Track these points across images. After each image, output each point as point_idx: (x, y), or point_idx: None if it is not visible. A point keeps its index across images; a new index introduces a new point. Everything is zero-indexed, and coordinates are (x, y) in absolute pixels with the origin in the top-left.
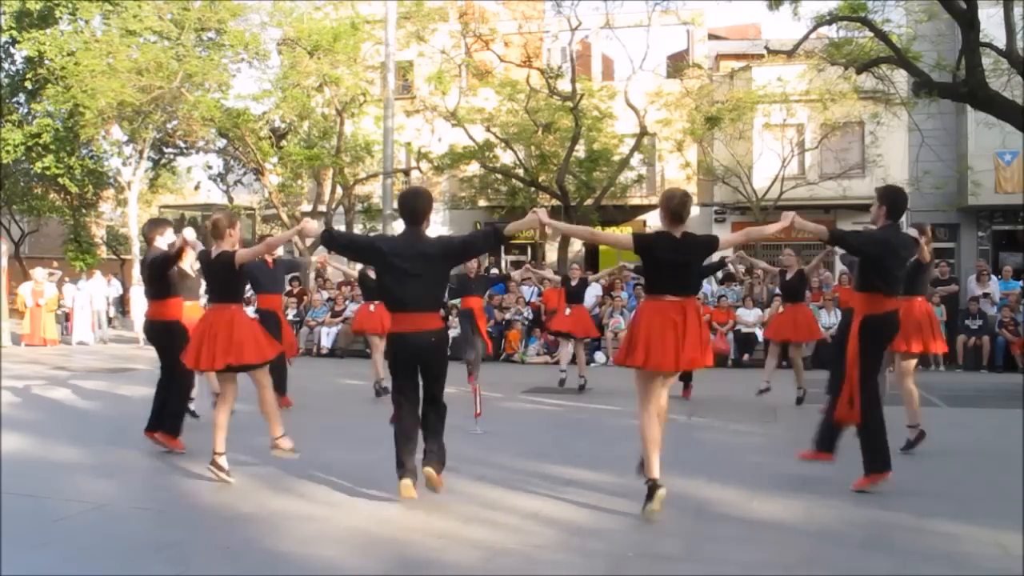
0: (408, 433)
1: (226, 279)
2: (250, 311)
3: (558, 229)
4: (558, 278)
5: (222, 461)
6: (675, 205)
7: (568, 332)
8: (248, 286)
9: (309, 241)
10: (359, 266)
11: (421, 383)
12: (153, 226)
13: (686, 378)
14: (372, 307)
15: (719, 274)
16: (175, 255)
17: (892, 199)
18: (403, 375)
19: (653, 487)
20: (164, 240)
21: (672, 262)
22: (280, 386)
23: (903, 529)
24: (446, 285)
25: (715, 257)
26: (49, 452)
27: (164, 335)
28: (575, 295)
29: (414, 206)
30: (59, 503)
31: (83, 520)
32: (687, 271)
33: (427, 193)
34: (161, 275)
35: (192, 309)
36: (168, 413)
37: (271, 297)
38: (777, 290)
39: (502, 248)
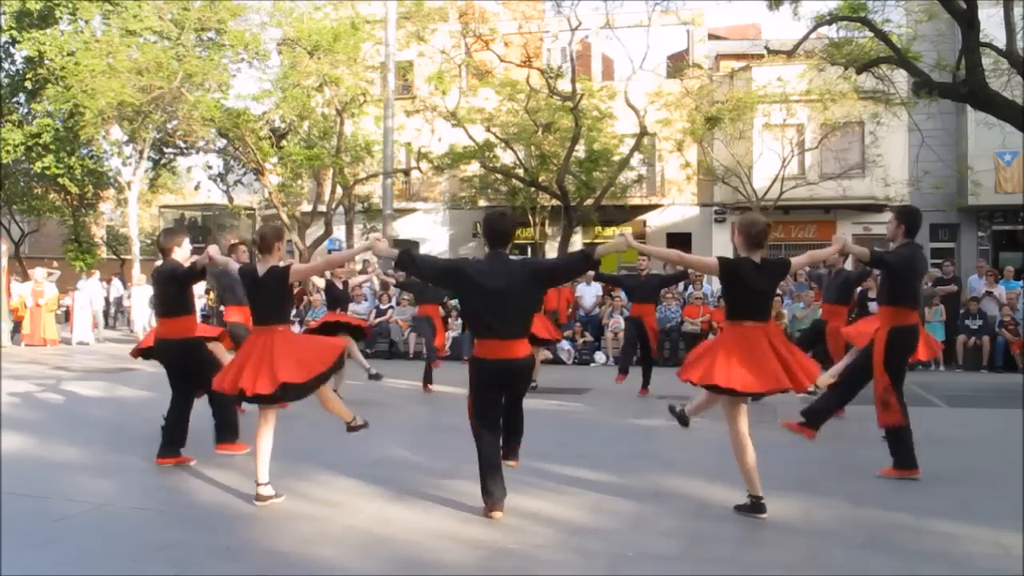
0: (493, 461)
1: (276, 297)
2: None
3: (647, 252)
4: None
5: (265, 491)
6: (756, 233)
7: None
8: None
9: (309, 241)
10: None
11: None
12: (170, 236)
13: (647, 375)
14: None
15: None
16: (199, 273)
17: (910, 219)
18: (488, 402)
19: (756, 505)
20: (182, 252)
21: (755, 288)
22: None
23: (903, 529)
24: (535, 310)
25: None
26: (49, 452)
27: (180, 355)
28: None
29: (501, 228)
30: (59, 503)
31: (83, 520)
32: (768, 296)
33: (512, 215)
34: (180, 291)
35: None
36: (169, 430)
37: (244, 309)
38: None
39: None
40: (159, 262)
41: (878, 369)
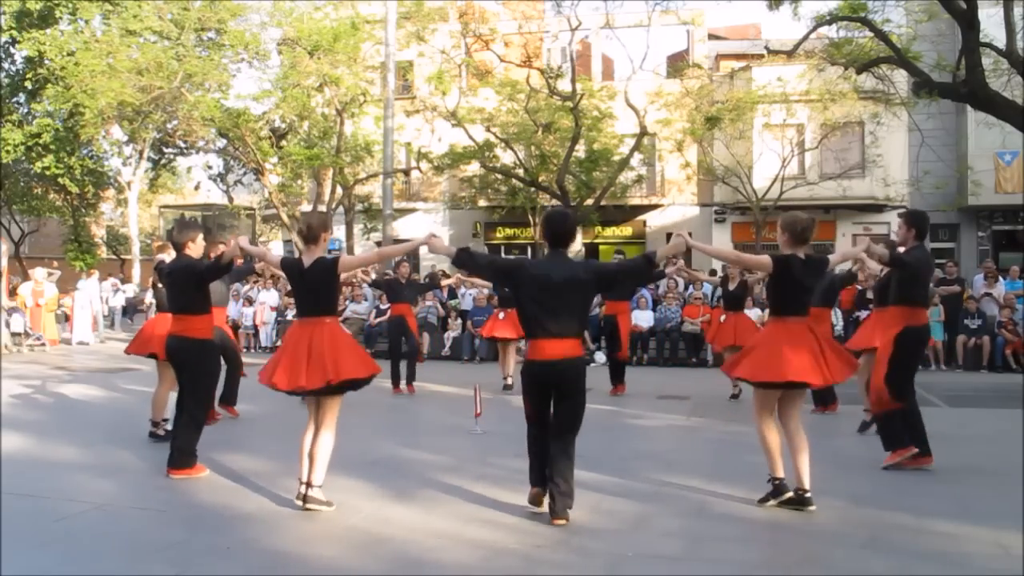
0: (540, 454)
1: (325, 289)
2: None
3: (704, 251)
4: (489, 284)
5: (312, 492)
6: (802, 229)
7: (503, 338)
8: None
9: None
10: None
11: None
12: (185, 231)
13: (619, 375)
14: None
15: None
16: (225, 267)
17: (920, 223)
18: (541, 404)
19: (795, 495)
20: (197, 247)
21: (803, 284)
22: (231, 397)
23: (903, 529)
24: (589, 311)
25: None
26: (49, 452)
27: (194, 355)
28: (510, 300)
29: (564, 229)
30: (59, 503)
31: (83, 520)
32: (810, 292)
33: (574, 216)
34: (198, 288)
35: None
36: (177, 447)
37: (216, 309)
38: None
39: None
40: (161, 256)
41: (884, 363)
